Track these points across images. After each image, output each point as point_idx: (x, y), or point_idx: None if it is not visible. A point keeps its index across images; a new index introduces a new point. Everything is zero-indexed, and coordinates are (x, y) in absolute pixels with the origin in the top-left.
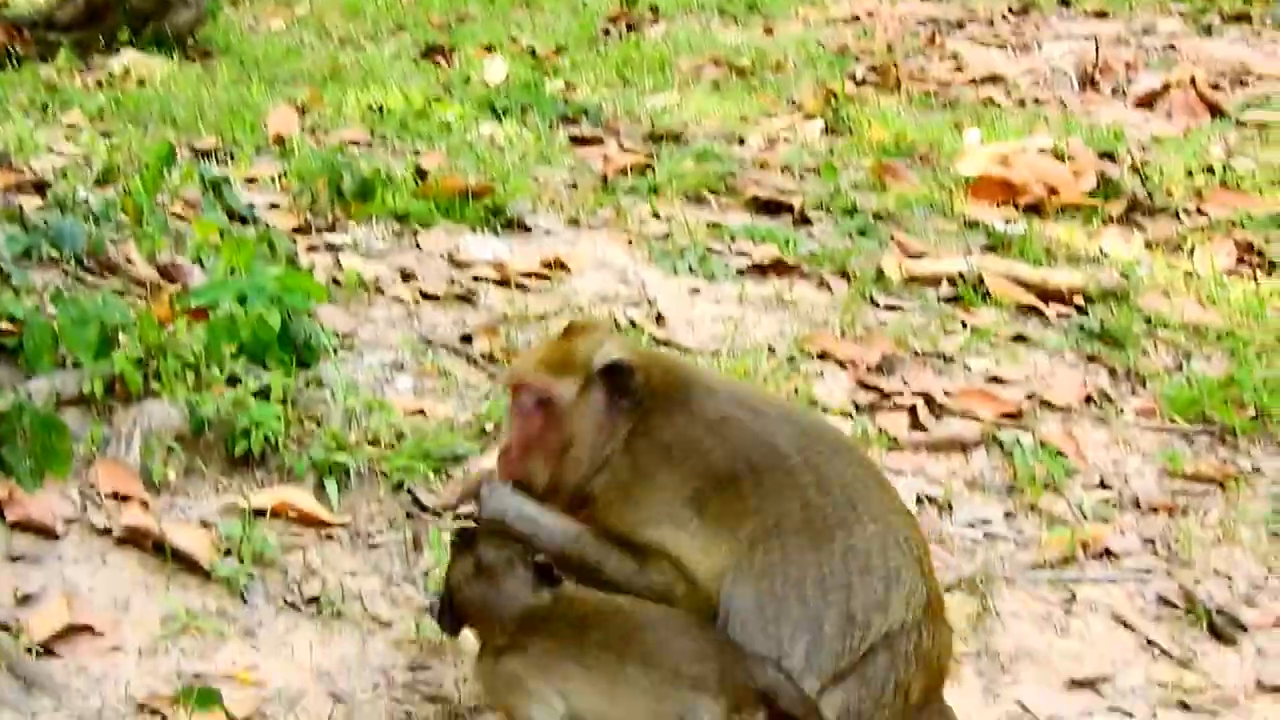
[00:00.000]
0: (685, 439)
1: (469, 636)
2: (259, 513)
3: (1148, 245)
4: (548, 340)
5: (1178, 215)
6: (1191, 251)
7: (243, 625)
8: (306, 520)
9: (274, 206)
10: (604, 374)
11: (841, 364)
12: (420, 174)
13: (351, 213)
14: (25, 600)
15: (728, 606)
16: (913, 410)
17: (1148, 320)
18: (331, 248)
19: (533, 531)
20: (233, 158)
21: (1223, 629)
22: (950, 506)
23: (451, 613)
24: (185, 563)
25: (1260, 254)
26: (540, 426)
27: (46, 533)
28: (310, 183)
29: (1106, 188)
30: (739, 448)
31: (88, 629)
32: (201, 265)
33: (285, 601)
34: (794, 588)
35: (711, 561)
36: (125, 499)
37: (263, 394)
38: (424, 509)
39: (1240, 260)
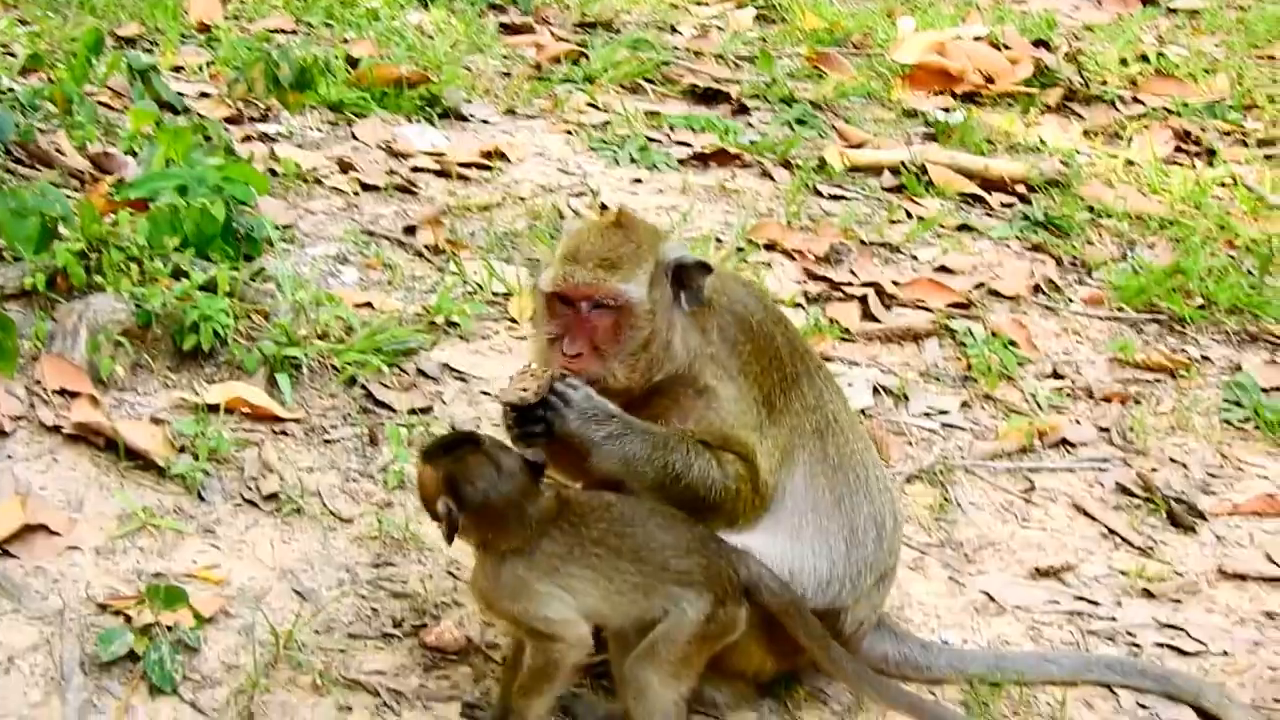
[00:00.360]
0: (755, 339)
1: (431, 533)
2: (211, 408)
3: (1086, 134)
4: (591, 231)
5: (1114, 104)
6: (1129, 140)
7: (201, 523)
8: (260, 416)
9: (204, 96)
10: (674, 272)
11: (790, 254)
12: (352, 63)
13: (288, 102)
14: None
15: (798, 493)
16: (863, 300)
17: (1090, 209)
18: (266, 138)
19: (620, 433)
20: (156, 46)
21: (1182, 517)
22: (906, 397)
23: (458, 521)
24: (139, 460)
25: (1197, 141)
26: (613, 327)
27: None
28: (246, 72)
29: (1042, 76)
30: (795, 349)
31: (43, 528)
32: (134, 156)
33: (243, 498)
34: (863, 482)
35: (772, 460)
36: (73, 395)
37: (209, 287)
38: (378, 404)
39: (1178, 148)
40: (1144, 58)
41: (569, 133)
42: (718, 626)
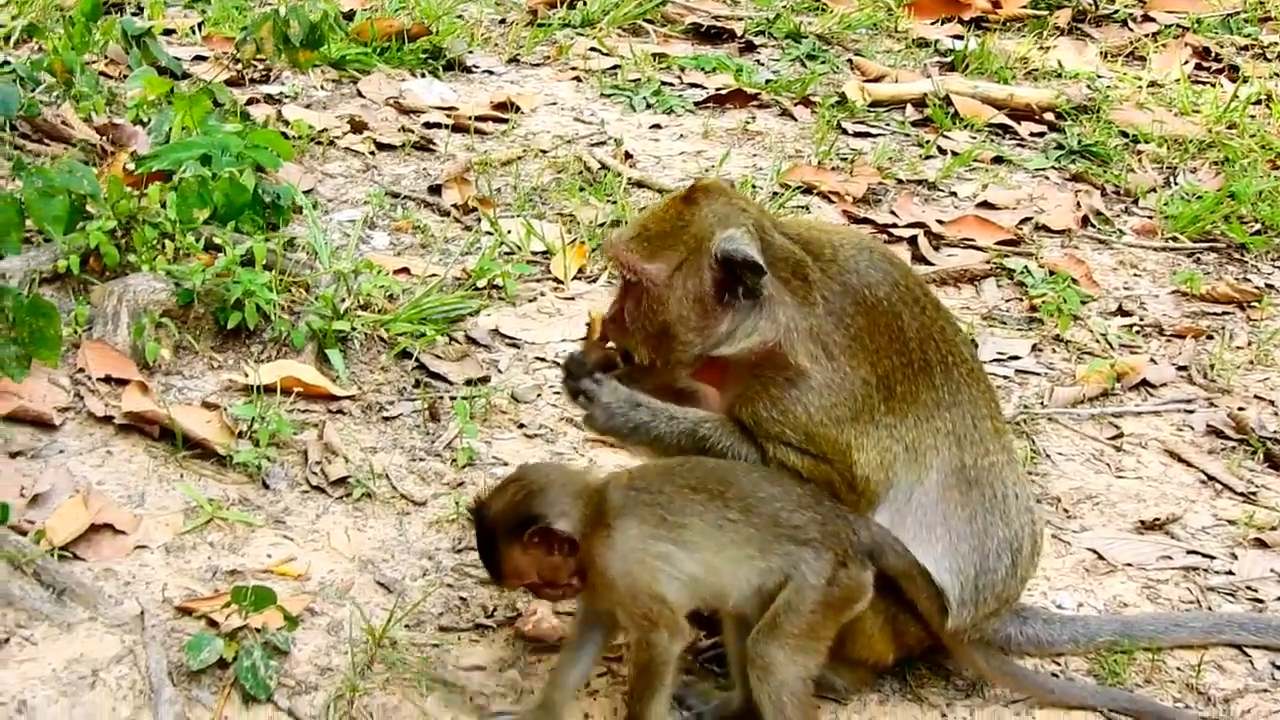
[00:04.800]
0: (871, 314)
1: None
2: (264, 389)
3: (1103, 55)
4: (662, 202)
5: (1126, 23)
6: (1148, 60)
7: (269, 513)
8: (314, 395)
9: (199, 59)
10: (723, 261)
11: (827, 196)
12: (346, 17)
13: (298, 61)
14: (35, 500)
15: (929, 502)
16: (912, 242)
17: (1124, 134)
18: (270, 100)
19: (646, 423)
20: (141, 9)
21: None
22: (975, 343)
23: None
24: (196, 448)
25: (1218, 58)
26: (635, 304)
27: (43, 424)
28: (254, 31)
29: None
30: (928, 333)
31: (108, 528)
32: (143, 125)
33: (309, 484)
34: (999, 501)
35: (886, 453)
36: (121, 382)
37: (246, 261)
38: (433, 376)
39: (1199, 66)
40: None
41: (578, 80)
42: (842, 591)
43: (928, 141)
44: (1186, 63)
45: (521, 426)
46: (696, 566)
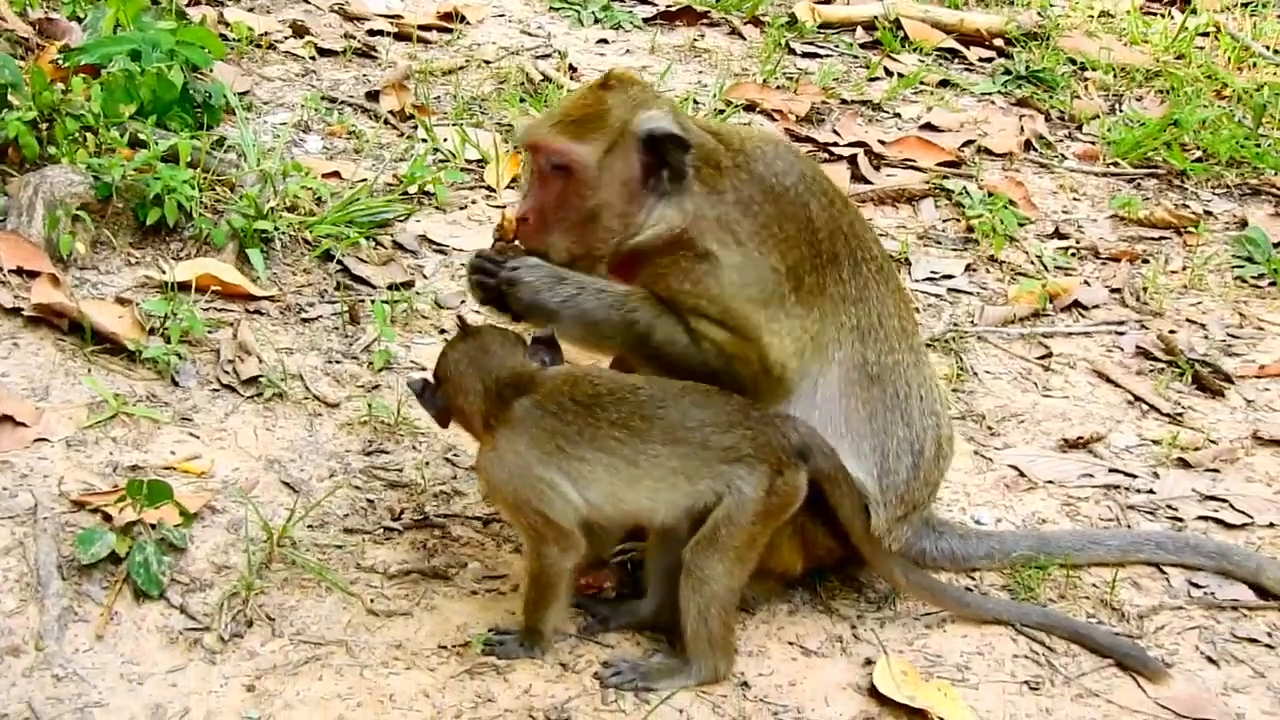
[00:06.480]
0: (780, 204)
1: (425, 418)
2: (180, 287)
3: None
4: (578, 91)
5: None
6: None
7: (177, 410)
8: (232, 294)
9: None
10: (647, 141)
11: (770, 114)
12: None
13: None
14: None
15: (831, 396)
16: (852, 161)
17: (1072, 61)
18: (215, 1)
19: (574, 294)
20: None
21: (1209, 381)
22: (908, 262)
23: (434, 400)
24: (106, 344)
25: None
26: (559, 193)
27: None
28: None
29: None
30: (837, 226)
31: (8, 419)
32: (79, 21)
33: (220, 383)
34: (901, 401)
35: (798, 342)
36: (32, 275)
37: (170, 158)
38: (356, 279)
39: None
40: None
41: None
42: (779, 499)
43: (875, 63)
44: None
45: (443, 332)
46: (595, 496)
